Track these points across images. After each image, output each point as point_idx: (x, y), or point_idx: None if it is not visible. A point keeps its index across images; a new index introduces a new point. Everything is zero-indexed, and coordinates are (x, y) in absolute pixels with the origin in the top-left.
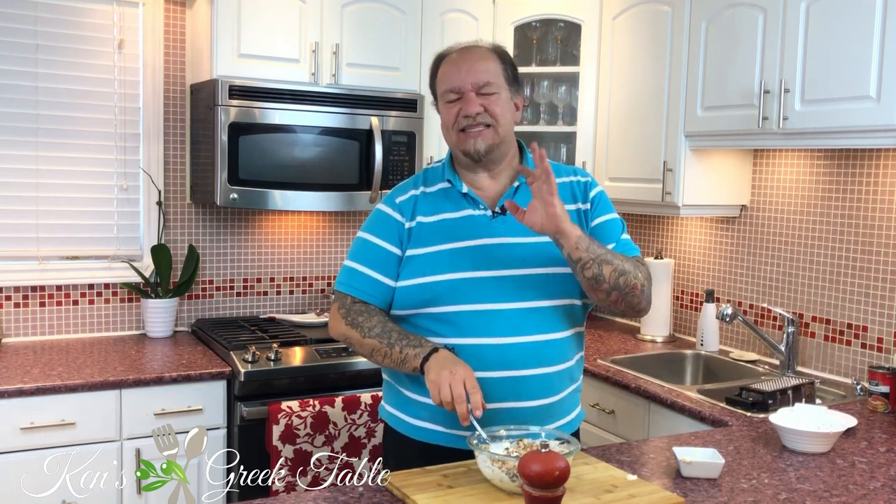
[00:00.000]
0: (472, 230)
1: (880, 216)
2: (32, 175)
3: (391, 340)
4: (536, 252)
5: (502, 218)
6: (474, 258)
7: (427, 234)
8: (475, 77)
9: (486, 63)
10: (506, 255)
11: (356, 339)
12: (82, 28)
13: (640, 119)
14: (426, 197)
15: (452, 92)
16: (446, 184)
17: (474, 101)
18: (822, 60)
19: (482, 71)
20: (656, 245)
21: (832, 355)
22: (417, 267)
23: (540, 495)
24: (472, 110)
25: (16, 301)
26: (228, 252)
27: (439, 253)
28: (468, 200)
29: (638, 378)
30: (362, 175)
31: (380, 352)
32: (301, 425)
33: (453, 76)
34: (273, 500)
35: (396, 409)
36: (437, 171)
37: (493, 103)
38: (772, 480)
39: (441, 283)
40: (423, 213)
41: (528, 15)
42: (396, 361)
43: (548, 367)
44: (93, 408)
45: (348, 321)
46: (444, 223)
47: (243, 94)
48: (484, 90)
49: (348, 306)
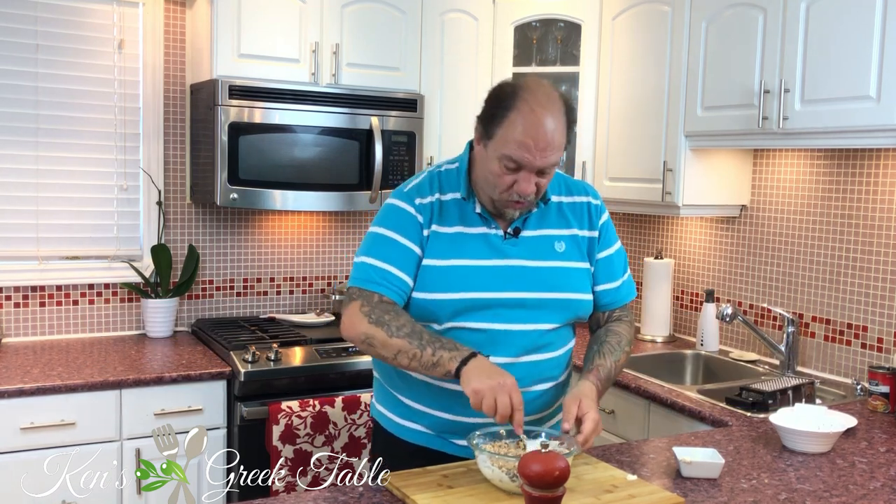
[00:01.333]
0: (485, 249)
1: (880, 216)
2: (32, 175)
3: (422, 342)
4: (546, 276)
5: (514, 240)
6: (486, 278)
7: (442, 246)
8: (545, 162)
9: (560, 137)
10: (516, 278)
11: (381, 338)
12: (82, 28)
13: (640, 119)
14: (443, 206)
15: (515, 162)
16: (461, 197)
17: (531, 181)
18: (822, 60)
19: (555, 151)
20: (656, 245)
21: (832, 355)
22: (433, 280)
23: (540, 495)
24: (528, 191)
25: (16, 301)
26: (228, 252)
27: (453, 269)
28: (482, 219)
29: (638, 378)
30: (362, 175)
31: (407, 353)
32: (301, 425)
33: (525, 152)
34: (273, 500)
35: (387, 409)
36: (451, 179)
37: (545, 181)
38: (772, 480)
39: (453, 302)
40: (440, 222)
41: (528, 15)
42: (426, 364)
43: (546, 384)
44: (93, 408)
45: (373, 319)
46: (459, 237)
47: (243, 94)
48: (546, 170)
49: (374, 303)
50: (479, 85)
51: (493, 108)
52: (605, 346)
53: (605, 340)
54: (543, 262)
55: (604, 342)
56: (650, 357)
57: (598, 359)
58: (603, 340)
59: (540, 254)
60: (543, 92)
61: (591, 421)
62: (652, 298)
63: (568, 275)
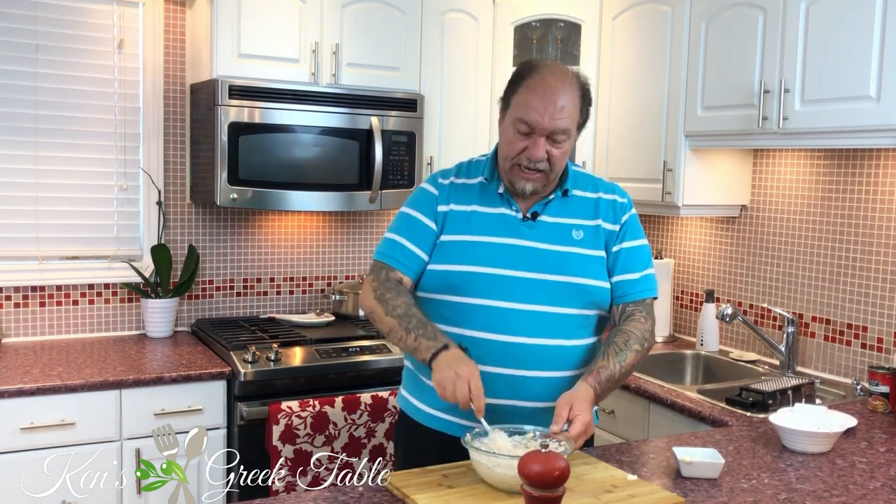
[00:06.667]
0: (502, 228)
1: (880, 216)
2: (32, 175)
3: (409, 325)
4: (561, 260)
5: (531, 223)
6: (501, 255)
7: (459, 223)
8: (555, 124)
9: (571, 106)
10: (531, 258)
11: (379, 314)
12: (82, 28)
13: (640, 119)
14: (464, 187)
15: (526, 124)
16: (485, 180)
17: (542, 146)
18: (822, 60)
19: (564, 118)
20: (656, 245)
21: (832, 355)
22: (446, 254)
23: (540, 495)
24: (537, 156)
25: (16, 301)
26: (228, 252)
27: (468, 244)
28: (503, 200)
29: (638, 378)
30: (362, 175)
31: (396, 333)
32: (301, 425)
33: (534, 111)
34: (273, 500)
35: (414, 396)
36: (480, 164)
37: (557, 152)
38: (772, 480)
39: (464, 274)
40: (458, 201)
41: (528, 15)
42: (410, 348)
43: (553, 372)
44: (93, 408)
45: (377, 295)
46: (476, 215)
47: (243, 94)
48: (555, 136)
49: (382, 279)
50: (479, 85)
51: (512, 80)
52: (611, 346)
53: (613, 341)
54: (559, 247)
55: (611, 342)
56: (650, 357)
57: (601, 360)
58: (611, 341)
59: (557, 239)
60: (559, 67)
61: (580, 423)
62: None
63: (583, 261)
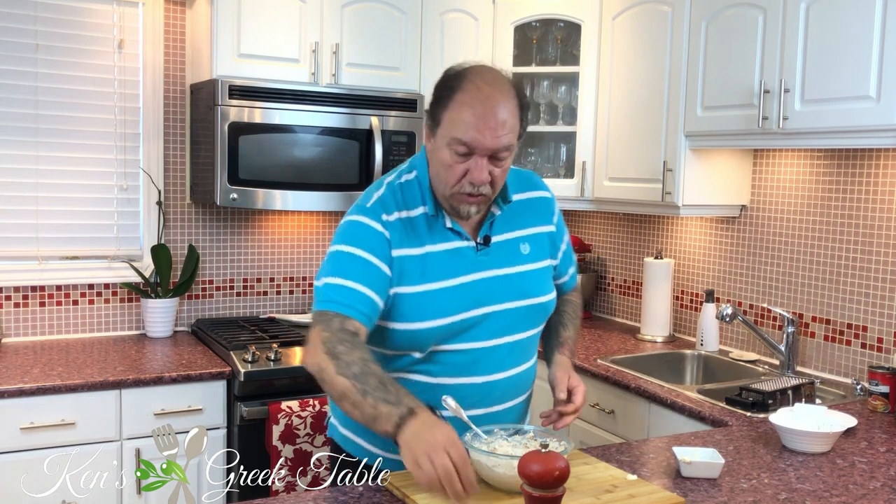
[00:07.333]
0: (459, 266)
1: (880, 216)
2: (32, 175)
3: (366, 387)
4: (517, 283)
5: (486, 249)
6: (464, 298)
7: (415, 271)
8: (498, 142)
9: (512, 119)
10: (492, 290)
11: (329, 373)
12: (82, 28)
13: (640, 119)
14: (410, 224)
15: (464, 145)
16: (428, 213)
17: (484, 168)
18: (822, 60)
19: (506, 133)
20: (656, 245)
21: (832, 355)
22: (410, 309)
23: (540, 495)
24: (481, 179)
25: (16, 301)
26: (228, 252)
27: (429, 294)
28: (454, 233)
29: (638, 378)
30: (362, 175)
31: (350, 398)
32: (301, 425)
33: (472, 130)
34: (273, 500)
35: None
36: (413, 191)
37: (500, 171)
38: (772, 480)
39: (433, 330)
40: (408, 244)
41: (528, 15)
42: (367, 417)
43: (522, 396)
44: (93, 408)
45: (327, 348)
46: (430, 258)
47: (243, 93)
48: (499, 154)
49: (334, 329)
50: None
51: (439, 93)
52: (564, 315)
53: (564, 310)
54: (512, 269)
55: (563, 312)
56: (650, 357)
57: (565, 331)
58: (562, 311)
59: (508, 260)
60: (490, 73)
61: (580, 394)
62: (652, 298)
63: (534, 278)
